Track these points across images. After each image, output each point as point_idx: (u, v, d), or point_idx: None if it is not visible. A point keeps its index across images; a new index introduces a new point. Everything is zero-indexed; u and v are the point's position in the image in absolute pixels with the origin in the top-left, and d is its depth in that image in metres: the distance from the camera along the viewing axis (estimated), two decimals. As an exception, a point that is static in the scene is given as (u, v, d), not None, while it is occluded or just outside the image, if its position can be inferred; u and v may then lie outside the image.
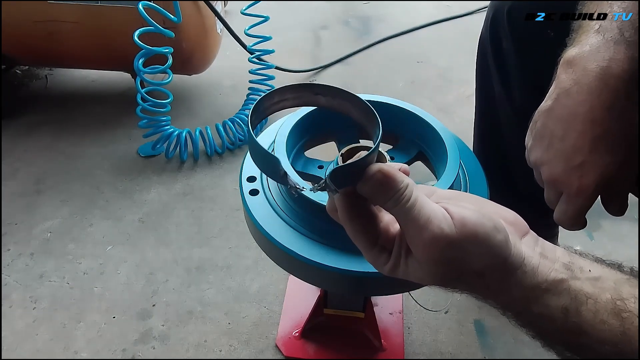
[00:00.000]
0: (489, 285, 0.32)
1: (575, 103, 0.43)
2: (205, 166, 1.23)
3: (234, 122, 1.25)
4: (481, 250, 0.30)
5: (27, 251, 1.00)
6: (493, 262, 0.31)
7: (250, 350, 0.84)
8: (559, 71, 0.45)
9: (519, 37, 0.64)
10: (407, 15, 1.95)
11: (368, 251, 0.34)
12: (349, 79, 1.58)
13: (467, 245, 0.30)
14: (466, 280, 0.32)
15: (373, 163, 0.31)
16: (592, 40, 0.42)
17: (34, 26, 1.17)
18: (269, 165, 0.33)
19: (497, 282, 0.32)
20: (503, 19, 0.66)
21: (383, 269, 0.34)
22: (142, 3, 1.02)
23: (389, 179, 0.30)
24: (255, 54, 1.27)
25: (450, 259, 0.30)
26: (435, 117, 0.63)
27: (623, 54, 0.40)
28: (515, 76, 0.69)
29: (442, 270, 0.31)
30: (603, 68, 0.41)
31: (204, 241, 1.03)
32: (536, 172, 0.50)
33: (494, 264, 0.31)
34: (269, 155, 0.32)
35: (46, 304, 0.91)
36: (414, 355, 0.83)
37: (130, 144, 1.28)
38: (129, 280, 0.95)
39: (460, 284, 0.33)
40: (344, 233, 0.35)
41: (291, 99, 0.36)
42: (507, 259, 0.31)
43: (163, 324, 0.88)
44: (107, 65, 1.36)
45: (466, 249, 0.30)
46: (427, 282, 0.33)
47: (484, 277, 0.31)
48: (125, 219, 1.08)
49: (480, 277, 0.31)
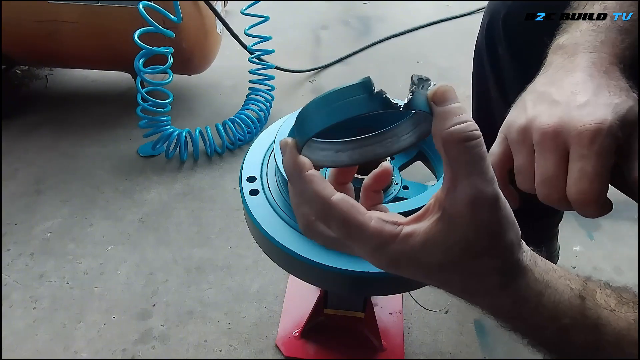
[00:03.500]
0: (492, 286, 0.32)
1: (570, 67, 0.39)
2: (205, 166, 1.23)
3: (234, 122, 1.25)
4: (505, 239, 0.30)
5: (27, 251, 1.00)
6: (506, 257, 0.31)
7: (250, 350, 0.84)
8: (548, 57, 0.42)
9: (514, 43, 0.64)
10: (407, 15, 1.95)
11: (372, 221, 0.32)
12: (349, 79, 1.57)
13: (502, 222, 0.29)
14: (471, 271, 0.31)
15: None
16: (583, 26, 0.40)
17: (34, 26, 1.17)
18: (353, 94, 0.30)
19: (501, 284, 0.31)
20: (499, 25, 0.65)
21: (385, 234, 0.31)
22: (142, 3, 1.02)
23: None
24: (255, 54, 1.27)
25: (488, 227, 0.29)
26: (435, 117, 0.62)
27: (614, 38, 0.39)
28: (511, 81, 0.69)
29: (473, 237, 0.29)
30: (596, 47, 0.39)
31: (204, 241, 1.03)
32: (521, 147, 0.39)
33: (505, 260, 0.31)
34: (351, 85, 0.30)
35: (46, 304, 0.91)
36: (414, 355, 0.83)
37: (130, 144, 1.28)
38: (129, 280, 0.95)
39: (460, 274, 0.31)
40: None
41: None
42: (518, 259, 0.31)
43: (163, 324, 0.88)
44: (107, 65, 1.36)
45: (501, 224, 0.29)
46: (436, 258, 0.30)
47: (493, 275, 0.31)
48: (125, 219, 1.08)
49: (491, 274, 0.31)
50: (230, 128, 1.24)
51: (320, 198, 0.31)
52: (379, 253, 0.31)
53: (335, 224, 0.31)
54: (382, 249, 0.31)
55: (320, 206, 0.31)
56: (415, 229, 0.31)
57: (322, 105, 0.30)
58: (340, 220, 0.31)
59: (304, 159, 0.32)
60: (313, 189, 0.31)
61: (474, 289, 0.32)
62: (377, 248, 0.31)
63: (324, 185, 0.32)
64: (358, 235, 0.31)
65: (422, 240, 0.30)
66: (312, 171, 0.32)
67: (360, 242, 0.31)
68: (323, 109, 0.30)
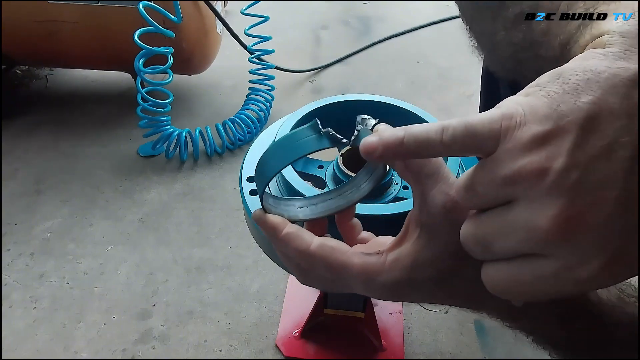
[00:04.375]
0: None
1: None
2: (205, 166, 1.23)
3: (234, 122, 1.25)
4: None
5: (27, 251, 1.00)
6: None
7: (250, 350, 0.84)
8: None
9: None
10: (407, 15, 1.94)
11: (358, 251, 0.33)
12: (349, 79, 1.58)
13: None
14: (467, 277, 0.30)
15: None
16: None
17: (34, 26, 1.17)
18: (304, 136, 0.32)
19: None
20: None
21: (370, 261, 0.31)
22: (142, 3, 1.02)
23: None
24: (255, 54, 1.27)
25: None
26: (436, 117, 0.63)
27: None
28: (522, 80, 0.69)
29: (457, 239, 0.28)
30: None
31: (204, 241, 1.03)
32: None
33: None
34: (300, 129, 0.33)
35: (46, 304, 0.91)
36: (414, 355, 0.83)
37: (130, 144, 1.28)
38: (129, 280, 0.95)
39: (459, 282, 0.31)
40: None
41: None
42: None
43: (163, 324, 0.88)
44: (107, 65, 1.36)
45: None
46: (430, 273, 0.30)
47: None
48: (125, 219, 1.08)
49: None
50: (230, 128, 1.24)
51: (300, 252, 0.33)
52: (372, 286, 0.32)
53: (322, 270, 0.33)
54: (373, 282, 0.31)
55: (303, 259, 0.33)
56: (399, 253, 0.31)
57: (278, 148, 0.33)
58: (324, 266, 0.32)
59: (275, 221, 0.34)
60: (291, 246, 0.33)
61: (479, 295, 0.31)
62: (368, 282, 0.32)
63: (301, 238, 0.33)
64: (346, 274, 0.32)
65: (411, 262, 0.30)
66: (286, 230, 0.34)
67: (351, 280, 0.32)
68: (279, 152, 0.33)
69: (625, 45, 0.24)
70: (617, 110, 0.22)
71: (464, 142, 0.25)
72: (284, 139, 0.33)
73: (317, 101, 0.62)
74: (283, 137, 0.33)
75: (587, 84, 0.23)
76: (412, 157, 0.29)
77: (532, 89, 0.25)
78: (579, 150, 0.23)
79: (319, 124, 0.32)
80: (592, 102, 0.23)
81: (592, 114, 0.23)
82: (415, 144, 0.27)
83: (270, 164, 0.33)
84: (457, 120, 0.26)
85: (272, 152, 0.33)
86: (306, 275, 0.36)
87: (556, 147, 0.23)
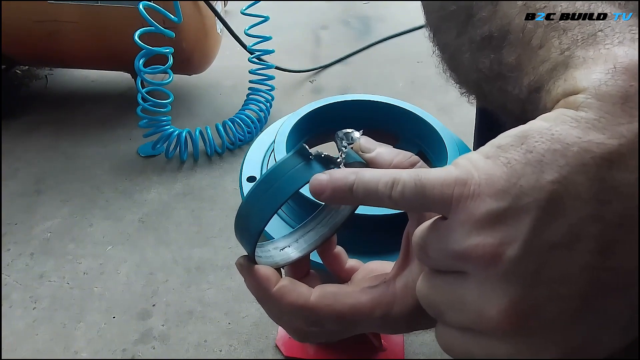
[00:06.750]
0: None
1: None
2: (205, 166, 1.23)
3: (234, 122, 1.25)
4: None
5: (27, 251, 1.00)
6: None
7: (250, 350, 0.84)
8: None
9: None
10: (407, 15, 1.94)
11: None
12: (349, 79, 1.58)
13: None
14: None
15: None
16: None
17: (34, 26, 1.17)
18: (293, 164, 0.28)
19: None
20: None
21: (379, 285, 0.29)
22: (142, 3, 1.02)
23: None
24: (255, 54, 1.27)
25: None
26: (435, 117, 0.63)
27: None
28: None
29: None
30: None
31: (204, 241, 1.03)
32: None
33: None
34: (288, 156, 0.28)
35: (46, 304, 0.91)
36: (414, 355, 0.83)
37: (130, 144, 1.28)
38: (129, 280, 0.95)
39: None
40: (344, 234, 0.35)
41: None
42: None
43: (163, 324, 0.88)
44: (107, 65, 1.36)
45: None
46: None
47: None
48: (125, 219, 1.08)
49: None
50: (230, 128, 1.24)
51: (300, 308, 0.29)
52: (390, 321, 0.29)
53: (330, 323, 0.29)
54: (389, 316, 0.29)
55: (306, 315, 0.29)
56: (406, 278, 0.29)
57: (263, 191, 0.27)
58: (333, 318, 0.29)
59: (265, 274, 0.30)
60: (288, 302, 0.29)
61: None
62: (384, 317, 0.29)
63: (298, 292, 0.29)
64: (359, 317, 0.29)
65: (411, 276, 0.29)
66: (279, 285, 0.29)
67: (365, 323, 0.29)
68: (263, 196, 0.27)
69: (601, 111, 0.21)
70: (585, 194, 0.20)
71: (412, 201, 0.24)
72: (266, 176, 0.27)
73: (317, 101, 0.62)
74: (265, 174, 0.28)
75: (554, 156, 0.20)
76: (361, 204, 0.27)
77: (493, 149, 0.23)
78: (537, 236, 0.20)
79: (306, 148, 0.28)
80: (557, 181, 0.20)
81: (555, 195, 0.20)
82: (363, 194, 0.26)
83: (254, 215, 0.27)
84: (409, 174, 0.24)
85: (254, 197, 0.28)
86: (308, 332, 0.31)
87: (512, 229, 0.20)
